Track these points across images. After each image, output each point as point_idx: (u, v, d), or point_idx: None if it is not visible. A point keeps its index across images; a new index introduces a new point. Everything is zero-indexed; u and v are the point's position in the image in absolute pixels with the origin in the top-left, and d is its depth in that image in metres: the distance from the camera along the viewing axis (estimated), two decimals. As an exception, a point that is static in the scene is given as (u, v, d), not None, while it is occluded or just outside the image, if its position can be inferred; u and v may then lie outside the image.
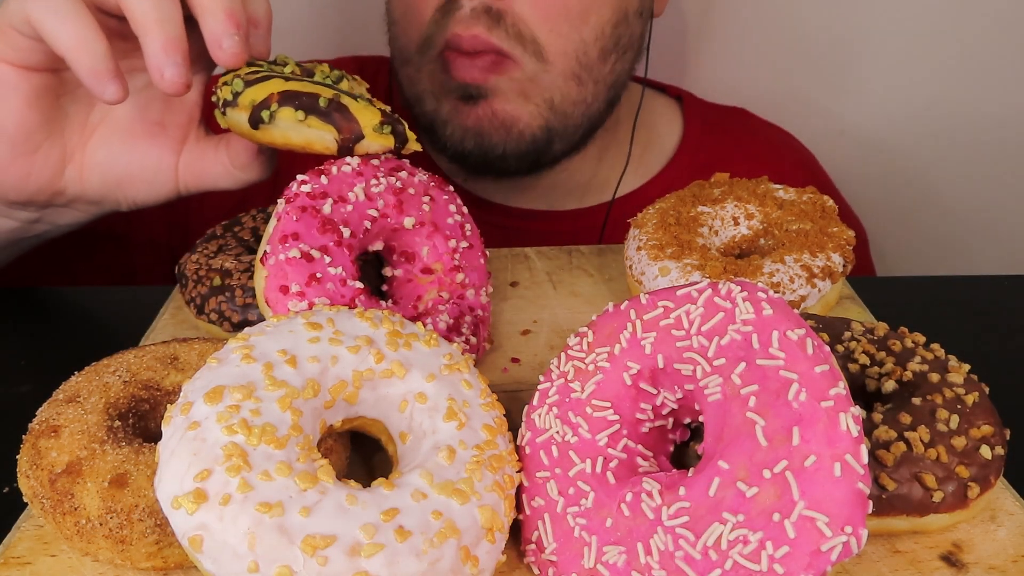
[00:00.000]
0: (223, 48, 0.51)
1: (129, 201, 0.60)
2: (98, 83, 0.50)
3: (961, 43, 1.03)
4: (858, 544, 0.34)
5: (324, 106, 0.49)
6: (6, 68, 0.53)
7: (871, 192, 1.08)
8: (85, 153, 0.58)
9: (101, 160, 0.58)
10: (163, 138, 0.59)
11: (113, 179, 0.59)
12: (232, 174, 0.59)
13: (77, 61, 0.49)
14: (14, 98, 0.54)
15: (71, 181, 0.58)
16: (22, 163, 0.56)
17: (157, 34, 0.49)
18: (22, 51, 0.52)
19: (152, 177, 0.59)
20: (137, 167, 0.58)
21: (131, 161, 0.58)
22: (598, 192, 0.88)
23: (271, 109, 0.49)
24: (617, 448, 0.41)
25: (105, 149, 0.58)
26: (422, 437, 0.41)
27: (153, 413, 0.45)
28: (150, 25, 0.49)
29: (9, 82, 0.53)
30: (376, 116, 0.50)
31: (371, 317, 0.43)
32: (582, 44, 0.74)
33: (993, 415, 0.43)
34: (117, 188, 0.59)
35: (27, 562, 0.41)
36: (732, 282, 0.40)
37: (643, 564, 0.36)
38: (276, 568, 0.34)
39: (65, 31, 0.49)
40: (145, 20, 0.49)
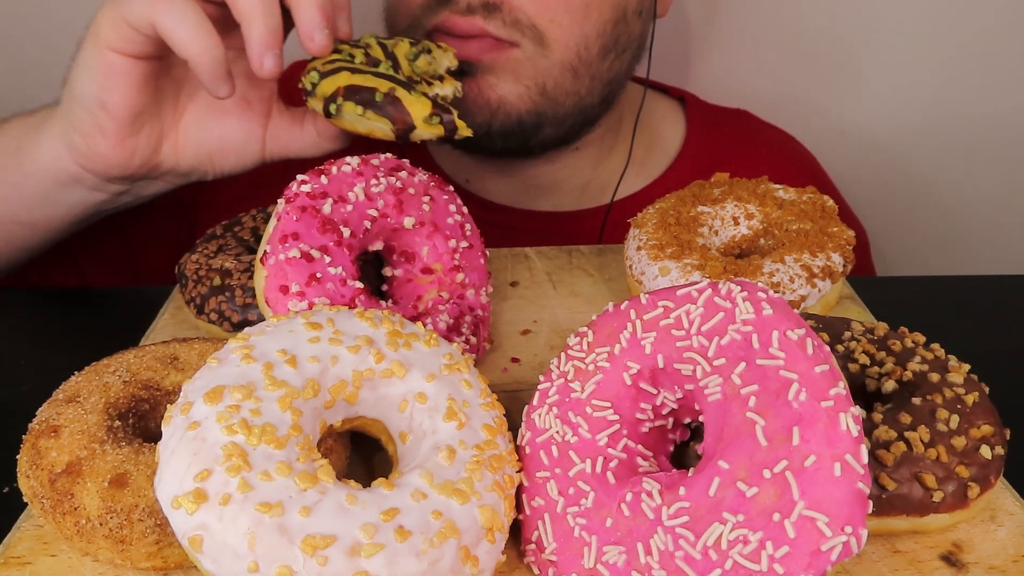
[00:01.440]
0: (314, 40, 0.57)
1: (217, 171, 0.66)
2: (215, 83, 0.56)
3: (961, 44, 1.03)
4: (858, 544, 0.34)
5: (379, 101, 0.54)
6: (118, 57, 0.57)
7: (871, 192, 1.08)
8: (179, 129, 0.64)
9: (194, 135, 0.64)
10: (249, 112, 0.64)
11: (205, 152, 0.64)
12: (318, 144, 0.65)
13: (200, 65, 0.55)
14: (125, 84, 0.58)
15: (167, 156, 0.63)
16: (129, 142, 0.61)
17: (260, 26, 0.55)
18: (135, 43, 0.57)
19: (242, 148, 0.64)
20: (228, 140, 0.64)
21: (222, 135, 0.64)
22: (600, 193, 0.88)
23: (337, 103, 0.55)
24: (617, 448, 0.41)
25: (197, 125, 0.64)
26: (422, 437, 0.41)
27: (153, 413, 0.45)
28: (255, 17, 0.55)
29: (121, 69, 0.58)
30: (427, 108, 0.55)
31: (371, 317, 0.43)
32: (584, 38, 0.74)
33: (993, 415, 0.43)
34: (208, 160, 0.65)
35: (27, 562, 0.41)
36: (732, 282, 0.40)
37: (643, 564, 0.36)
38: (276, 568, 0.34)
39: (190, 38, 0.54)
40: (250, 11, 0.55)
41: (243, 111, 0.64)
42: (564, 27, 0.73)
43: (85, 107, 0.59)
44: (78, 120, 0.60)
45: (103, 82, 0.58)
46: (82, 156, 0.61)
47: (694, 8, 1.04)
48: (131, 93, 0.59)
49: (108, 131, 0.60)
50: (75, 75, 0.59)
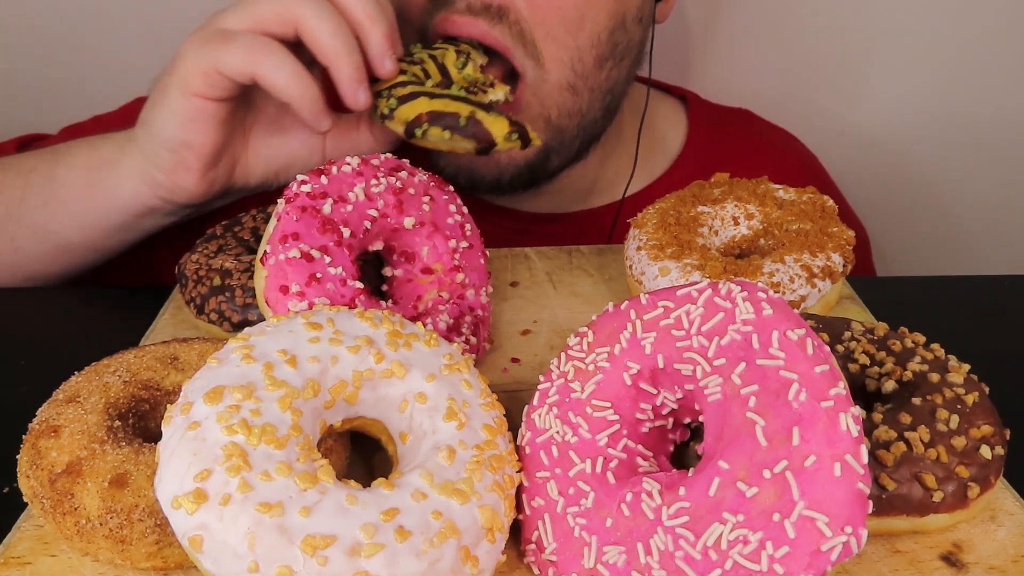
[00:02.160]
0: (385, 67, 0.61)
1: (282, 182, 0.68)
2: (317, 119, 0.61)
3: (962, 44, 1.03)
4: (858, 544, 0.34)
5: (463, 125, 0.59)
6: (203, 102, 0.61)
7: (872, 192, 1.08)
8: (248, 151, 0.67)
9: (263, 155, 0.67)
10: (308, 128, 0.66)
11: (273, 169, 0.68)
12: (373, 148, 0.68)
13: (302, 107, 0.60)
14: (208, 126, 0.62)
15: (239, 177, 0.67)
16: (211, 175, 0.64)
17: (348, 64, 0.59)
18: (224, 89, 0.60)
19: (306, 160, 0.67)
20: (295, 155, 0.67)
21: (288, 151, 0.67)
22: (603, 194, 0.87)
23: (423, 128, 0.60)
24: (617, 448, 0.41)
25: (264, 145, 0.67)
26: (422, 437, 0.41)
27: (153, 413, 0.45)
28: (341, 57, 0.59)
29: (208, 113, 0.61)
30: (505, 127, 0.60)
31: (371, 317, 0.43)
32: (577, 51, 0.73)
33: (993, 415, 0.43)
34: (275, 175, 0.68)
35: (27, 562, 0.41)
36: (732, 282, 0.40)
37: (643, 564, 0.36)
38: (276, 568, 0.34)
39: (290, 84, 0.59)
40: (336, 53, 0.59)
41: (301, 128, 0.66)
42: (558, 41, 0.72)
43: (169, 148, 0.63)
44: (161, 160, 0.63)
45: (189, 125, 0.61)
46: (164, 191, 0.65)
47: (696, 8, 1.04)
48: (215, 131, 0.62)
49: (192, 168, 0.63)
50: (157, 118, 0.62)
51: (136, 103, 0.85)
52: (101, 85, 0.98)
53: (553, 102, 0.74)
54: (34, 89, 1.05)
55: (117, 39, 1.02)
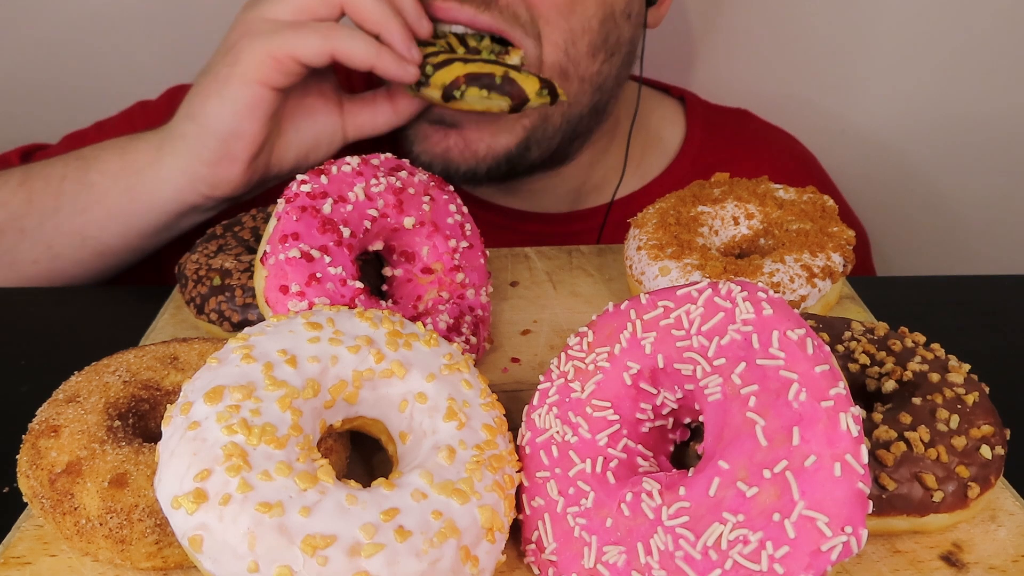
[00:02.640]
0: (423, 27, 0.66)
1: (311, 164, 0.71)
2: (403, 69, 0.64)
3: (961, 43, 1.03)
4: (858, 544, 0.34)
5: (499, 83, 0.64)
6: (266, 91, 0.63)
7: (871, 192, 1.08)
8: (281, 139, 0.69)
9: (293, 139, 0.69)
10: (330, 105, 0.71)
11: (303, 152, 0.70)
12: (390, 121, 0.72)
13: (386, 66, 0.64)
14: (264, 115, 0.64)
15: (274, 166, 0.70)
16: (252, 166, 0.66)
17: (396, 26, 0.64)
18: (293, 76, 0.64)
19: (330, 138, 0.71)
20: (321, 134, 0.70)
21: (316, 132, 0.70)
22: (595, 195, 0.87)
23: (461, 89, 0.64)
24: (617, 448, 0.41)
25: (294, 129, 0.70)
26: (422, 437, 0.41)
27: (153, 413, 0.45)
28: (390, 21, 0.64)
29: (267, 102, 0.64)
30: (536, 84, 0.65)
31: (371, 317, 0.43)
32: (570, 34, 0.73)
33: (993, 415, 0.43)
34: (304, 157, 0.71)
35: (27, 562, 0.41)
36: (732, 282, 0.40)
37: (643, 564, 0.36)
38: (276, 568, 0.34)
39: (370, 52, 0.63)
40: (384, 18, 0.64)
41: (324, 105, 0.70)
42: (552, 22, 0.72)
43: (220, 138, 0.64)
44: (209, 151, 0.65)
45: (246, 113, 0.63)
46: (207, 186, 0.66)
47: (696, 7, 1.04)
48: (267, 121, 0.65)
49: (239, 159, 0.65)
50: (212, 109, 0.64)
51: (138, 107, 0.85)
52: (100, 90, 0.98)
53: None
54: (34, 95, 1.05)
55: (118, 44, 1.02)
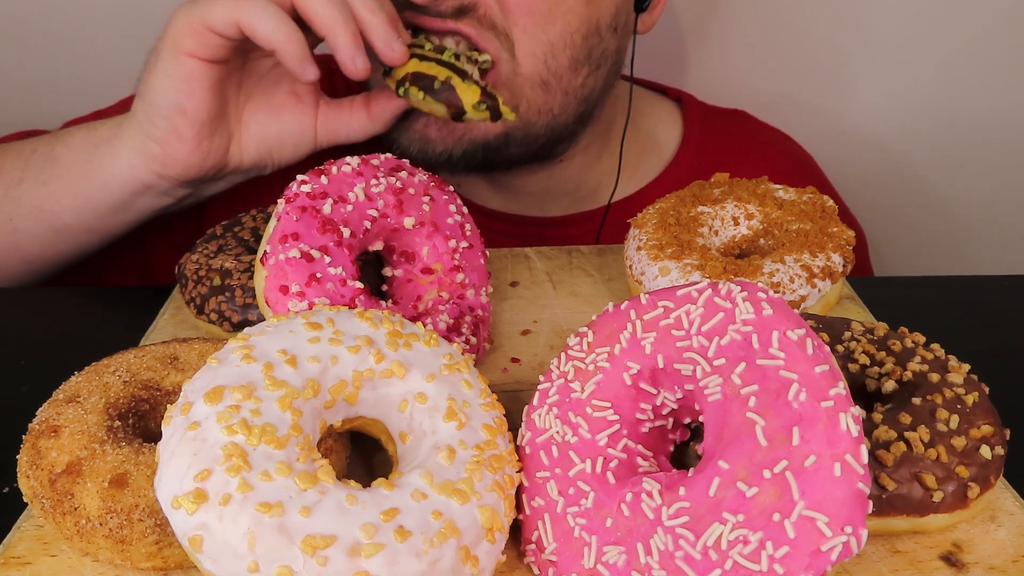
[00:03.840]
0: (394, 50, 0.62)
1: (276, 164, 0.70)
2: (302, 67, 0.61)
3: (960, 43, 1.03)
4: (858, 544, 0.34)
5: (437, 88, 0.62)
6: (196, 62, 0.62)
7: (871, 192, 1.08)
8: (242, 129, 0.68)
9: (255, 132, 0.68)
10: (300, 106, 0.69)
11: (266, 148, 0.69)
12: (366, 127, 0.70)
13: (287, 52, 0.60)
14: (202, 88, 0.62)
15: (233, 155, 0.68)
16: (204, 145, 0.65)
17: (345, 32, 0.60)
18: (214, 47, 0.61)
19: (298, 139, 0.69)
20: (286, 133, 0.69)
21: (281, 130, 0.68)
22: (591, 198, 0.87)
23: (405, 86, 0.63)
24: (617, 448, 0.41)
25: (257, 123, 0.68)
26: (422, 437, 0.41)
27: (153, 413, 0.45)
28: (337, 25, 0.60)
29: (200, 73, 0.62)
30: (476, 96, 0.62)
31: (371, 317, 0.43)
32: (550, 47, 0.73)
33: (993, 415, 0.43)
34: (268, 155, 0.69)
35: (27, 562, 0.41)
36: (732, 282, 0.40)
37: (643, 564, 0.36)
38: (276, 568, 0.34)
39: (273, 29, 0.59)
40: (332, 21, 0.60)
41: (295, 105, 0.68)
42: (529, 33, 0.71)
43: (163, 114, 0.63)
44: (156, 128, 0.64)
45: (182, 88, 0.62)
46: (159, 163, 0.65)
47: (694, 8, 1.04)
48: (207, 97, 0.63)
49: (186, 136, 0.64)
50: (152, 85, 0.63)
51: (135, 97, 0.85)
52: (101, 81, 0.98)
53: (523, 95, 0.74)
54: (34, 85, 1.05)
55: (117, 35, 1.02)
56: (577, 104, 0.77)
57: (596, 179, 0.87)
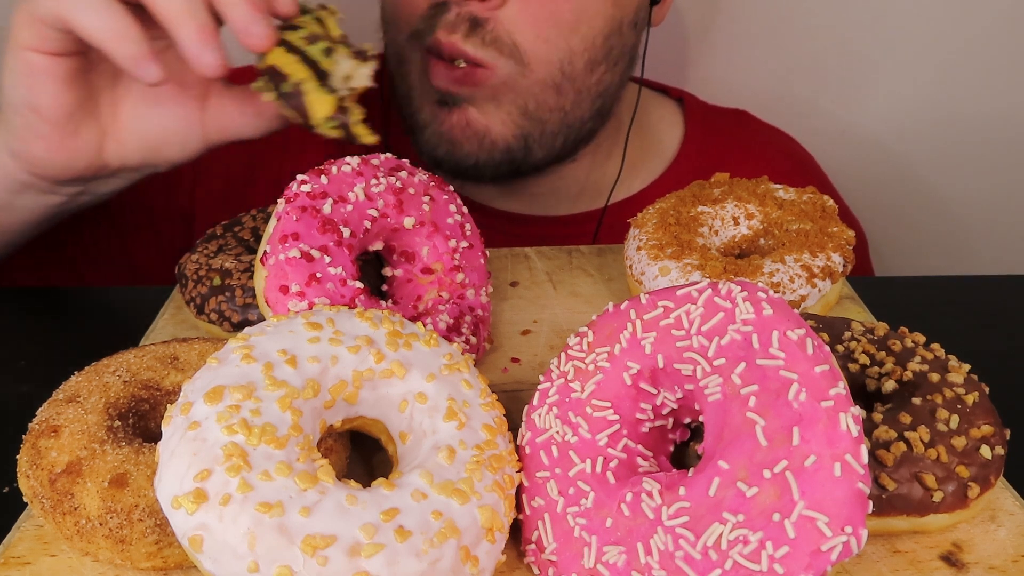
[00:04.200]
0: (252, 34, 0.53)
1: (165, 161, 0.63)
2: (138, 68, 0.53)
3: (961, 44, 1.03)
4: (858, 544, 0.34)
5: (286, 91, 0.53)
6: (37, 56, 0.55)
7: (871, 192, 1.08)
8: (119, 124, 0.61)
9: (135, 128, 0.61)
10: (186, 99, 0.61)
11: (149, 144, 0.62)
12: (256, 124, 0.62)
13: (115, 51, 0.52)
14: (50, 83, 0.56)
15: (112, 153, 0.61)
16: (68, 144, 0.59)
17: (189, 24, 0.52)
18: (50, 40, 0.54)
19: (184, 136, 0.62)
20: (170, 130, 0.61)
21: (164, 125, 0.61)
22: (596, 197, 0.87)
23: (260, 83, 0.55)
24: (617, 448, 0.41)
25: (136, 118, 0.61)
26: (422, 437, 0.41)
27: (153, 413, 0.45)
28: (180, 16, 0.52)
29: (44, 68, 0.56)
30: (328, 109, 0.53)
31: (371, 317, 0.43)
32: (569, 53, 0.73)
33: (993, 415, 0.43)
34: (153, 152, 0.62)
35: (27, 562, 0.41)
36: (732, 282, 0.40)
37: (643, 564, 0.36)
38: (276, 568, 0.34)
39: (98, 24, 0.52)
40: (175, 14, 0.52)
41: (179, 96, 0.61)
42: (549, 42, 0.72)
43: (18, 112, 0.58)
44: (14, 127, 0.59)
45: (28, 84, 0.56)
46: (26, 162, 0.60)
47: (695, 8, 1.04)
48: (59, 92, 0.57)
49: (43, 134, 0.58)
50: (5, 81, 0.58)
51: None
52: None
53: (531, 96, 0.74)
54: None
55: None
56: (592, 100, 0.77)
57: (603, 178, 0.87)
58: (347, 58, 0.55)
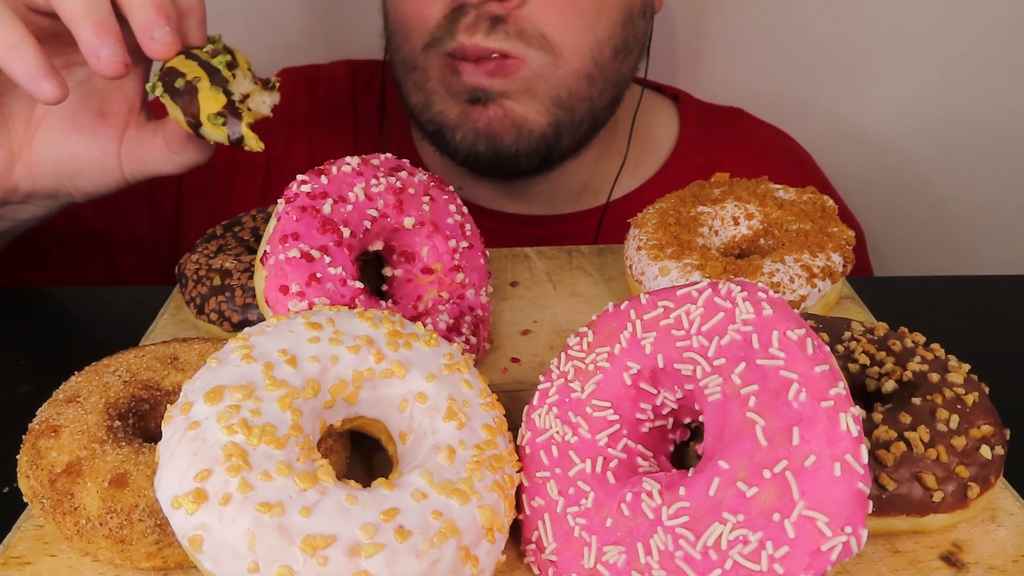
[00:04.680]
0: (154, 38, 0.52)
1: (81, 192, 0.61)
2: (34, 84, 0.50)
3: (961, 43, 1.03)
4: (858, 544, 0.34)
5: (179, 87, 0.52)
6: None
7: (871, 192, 1.08)
8: (32, 149, 0.59)
9: (48, 154, 0.59)
10: (104, 127, 0.59)
11: (63, 172, 0.59)
12: (170, 158, 0.59)
13: (10, 65, 0.50)
14: None
15: (22, 178, 0.59)
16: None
17: (87, 21, 0.50)
18: None
19: (99, 166, 0.60)
20: (84, 158, 0.59)
21: (77, 152, 0.59)
22: (595, 195, 0.87)
23: (153, 81, 0.53)
24: (617, 448, 0.41)
25: (50, 143, 0.59)
26: (422, 437, 0.41)
27: (153, 413, 0.45)
28: (80, 15, 0.50)
29: None
30: (217, 106, 0.52)
31: (371, 317, 0.43)
32: (597, 44, 0.74)
33: (993, 415, 0.43)
34: (68, 180, 0.60)
35: (27, 562, 0.41)
36: (732, 282, 0.40)
37: (643, 564, 0.36)
38: (276, 568, 0.34)
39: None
40: (74, 12, 0.50)
41: (97, 126, 0.59)
42: (577, 32, 0.73)
43: None
44: None
45: None
46: None
47: (687, 5, 1.04)
48: None
49: None
50: None
51: None
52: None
53: (565, 86, 0.75)
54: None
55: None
56: (612, 88, 0.79)
57: (601, 176, 0.87)
58: (249, 80, 0.54)
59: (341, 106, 0.90)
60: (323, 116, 0.88)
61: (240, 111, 0.53)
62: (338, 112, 0.90)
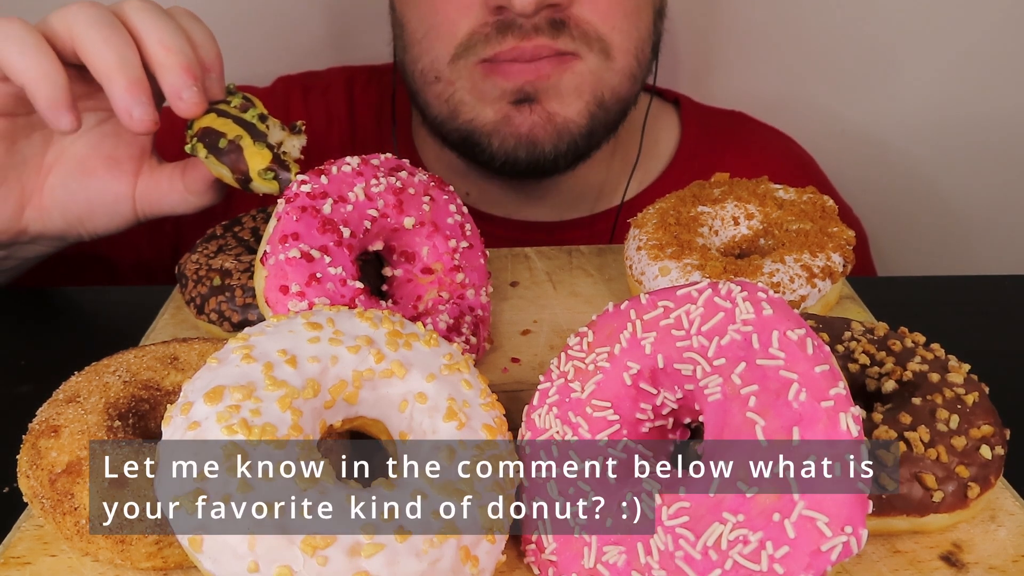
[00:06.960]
0: (183, 99, 0.54)
1: (90, 232, 0.62)
2: (55, 113, 0.52)
3: (961, 44, 1.03)
4: (858, 544, 0.34)
5: (222, 147, 0.54)
6: None
7: (871, 192, 1.08)
8: (43, 193, 0.60)
9: (60, 198, 0.60)
10: (118, 171, 0.60)
11: (73, 215, 0.61)
12: (187, 199, 0.61)
13: (36, 91, 0.51)
14: None
15: (32, 220, 0.60)
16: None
17: (120, 78, 0.52)
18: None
19: (111, 209, 0.61)
20: (96, 201, 0.60)
21: (89, 196, 0.60)
22: (602, 199, 0.88)
23: (192, 143, 0.55)
24: (617, 448, 0.41)
25: (62, 187, 0.60)
26: (422, 437, 0.41)
27: (153, 413, 0.45)
28: (113, 70, 0.52)
29: None
30: (264, 162, 0.54)
31: (371, 317, 0.43)
32: (640, 42, 0.75)
33: (993, 415, 0.43)
34: (78, 222, 0.61)
35: (27, 562, 0.41)
36: (732, 282, 0.40)
37: (643, 564, 0.36)
38: (276, 568, 0.34)
39: (26, 62, 0.51)
40: (107, 66, 0.52)
41: (110, 169, 0.60)
42: (624, 32, 0.73)
43: None
44: None
45: None
46: None
47: (689, 8, 1.04)
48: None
49: None
50: None
51: None
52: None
53: (610, 87, 0.75)
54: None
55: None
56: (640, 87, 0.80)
57: (606, 181, 0.87)
58: (278, 127, 0.57)
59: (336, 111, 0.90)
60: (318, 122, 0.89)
61: (286, 162, 0.55)
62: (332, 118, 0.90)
